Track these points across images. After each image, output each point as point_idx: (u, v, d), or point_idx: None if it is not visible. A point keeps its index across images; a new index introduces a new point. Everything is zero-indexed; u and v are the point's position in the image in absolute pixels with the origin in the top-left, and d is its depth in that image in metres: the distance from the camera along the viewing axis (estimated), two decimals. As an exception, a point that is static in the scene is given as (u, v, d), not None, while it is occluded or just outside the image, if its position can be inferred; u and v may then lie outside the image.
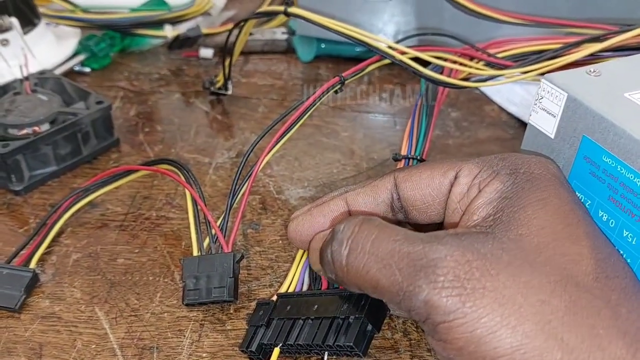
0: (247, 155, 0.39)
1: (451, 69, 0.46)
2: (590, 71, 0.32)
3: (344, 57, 0.63)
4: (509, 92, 0.57)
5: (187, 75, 0.61)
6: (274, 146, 0.39)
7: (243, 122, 0.54)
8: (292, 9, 0.43)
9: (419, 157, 0.42)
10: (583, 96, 0.30)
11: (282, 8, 0.44)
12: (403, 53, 0.43)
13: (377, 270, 0.25)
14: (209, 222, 0.37)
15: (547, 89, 0.32)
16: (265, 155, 0.38)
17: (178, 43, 0.61)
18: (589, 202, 0.30)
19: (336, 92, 0.42)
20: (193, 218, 0.38)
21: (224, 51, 0.52)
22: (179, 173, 0.41)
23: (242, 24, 0.50)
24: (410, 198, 0.30)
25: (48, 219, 0.41)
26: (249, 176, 0.38)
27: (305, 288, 0.35)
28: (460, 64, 0.45)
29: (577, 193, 0.31)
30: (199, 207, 0.39)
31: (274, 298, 0.35)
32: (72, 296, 0.37)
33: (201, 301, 0.35)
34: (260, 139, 0.39)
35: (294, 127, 0.39)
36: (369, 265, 0.26)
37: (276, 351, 0.32)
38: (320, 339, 0.30)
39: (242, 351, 0.33)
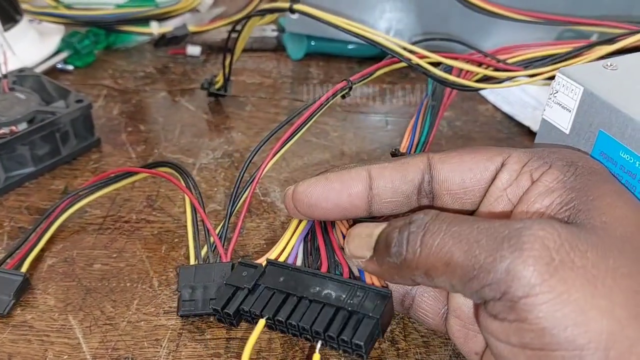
0: (248, 161, 0.37)
1: (460, 70, 0.44)
2: (607, 65, 0.31)
3: (335, 54, 0.61)
4: (505, 90, 0.56)
5: (173, 73, 0.59)
6: (278, 151, 0.37)
7: (230, 121, 0.52)
8: (298, 6, 0.41)
9: None
10: (600, 90, 0.29)
11: (287, 5, 0.42)
12: (422, 57, 0.42)
13: (453, 245, 0.23)
14: (208, 231, 0.36)
15: (563, 82, 0.30)
16: (269, 160, 0.36)
17: (164, 42, 0.59)
18: None
19: (343, 96, 0.40)
20: (191, 226, 0.37)
21: (224, 50, 0.50)
22: (179, 177, 0.40)
23: (244, 21, 0.48)
24: (446, 180, 0.27)
25: (42, 222, 0.39)
26: (251, 182, 0.36)
27: (299, 263, 0.32)
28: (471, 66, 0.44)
29: None
30: (198, 215, 0.37)
31: (263, 262, 0.32)
32: (45, 304, 0.35)
33: (197, 312, 0.34)
34: (264, 143, 0.37)
35: (300, 131, 0.37)
36: (445, 242, 0.23)
37: (261, 323, 0.29)
38: (321, 327, 0.28)
39: (214, 310, 0.30)
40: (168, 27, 0.60)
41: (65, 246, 0.39)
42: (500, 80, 0.43)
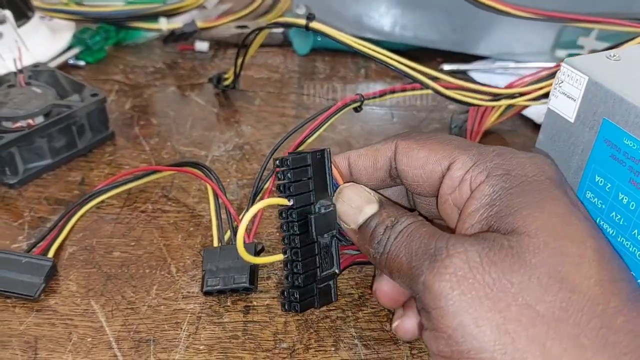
0: (265, 163, 0.39)
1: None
2: (610, 55, 0.32)
3: (341, 50, 0.63)
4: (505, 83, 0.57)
5: (182, 68, 0.61)
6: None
7: (239, 115, 0.53)
8: (314, 24, 0.43)
9: None
10: (604, 79, 0.30)
11: (303, 22, 0.43)
12: (447, 87, 0.44)
13: (403, 255, 0.27)
14: (231, 215, 0.38)
15: (568, 72, 0.32)
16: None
17: (173, 38, 0.60)
18: (609, 185, 0.30)
19: (355, 109, 0.42)
20: (214, 211, 0.39)
21: (238, 50, 0.51)
22: (200, 172, 0.42)
23: (257, 32, 0.49)
24: (403, 173, 0.31)
25: (68, 212, 0.41)
26: (272, 174, 0.38)
27: None
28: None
29: (597, 176, 0.31)
30: (220, 200, 0.39)
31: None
32: (68, 289, 0.37)
33: (220, 288, 0.35)
34: (278, 147, 0.39)
35: (312, 135, 0.38)
36: (400, 250, 0.27)
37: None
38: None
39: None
40: (176, 23, 0.62)
41: (85, 235, 0.40)
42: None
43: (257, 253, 0.36)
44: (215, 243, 0.37)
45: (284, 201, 0.30)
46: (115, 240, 0.40)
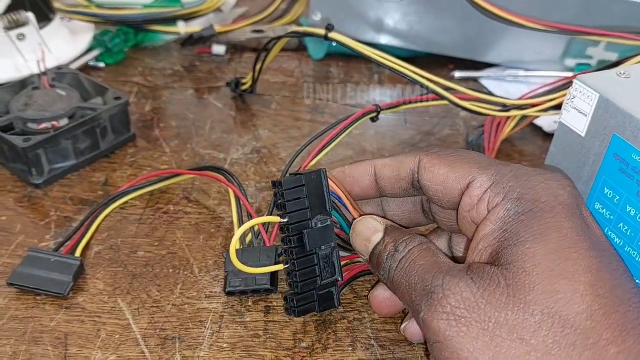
0: (286, 170, 0.42)
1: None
2: (620, 73, 0.34)
3: (354, 55, 0.64)
4: (517, 92, 0.59)
5: (200, 71, 0.62)
6: (313, 158, 0.40)
7: (256, 118, 0.55)
8: (333, 35, 0.45)
9: None
10: (614, 96, 0.31)
11: (322, 32, 0.45)
12: (462, 98, 0.46)
13: (404, 287, 0.29)
14: (252, 218, 0.39)
15: (580, 89, 0.33)
16: (306, 165, 0.40)
17: (192, 41, 0.62)
18: (617, 197, 0.32)
19: (372, 119, 0.44)
20: (236, 214, 0.40)
21: (257, 56, 0.53)
22: (221, 176, 0.43)
23: (276, 40, 0.51)
24: (424, 187, 0.32)
25: (93, 212, 0.42)
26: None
27: None
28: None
29: (606, 188, 0.32)
30: (241, 203, 0.41)
31: None
32: (95, 287, 0.38)
33: (242, 289, 0.37)
34: (295, 157, 0.41)
35: (330, 144, 0.40)
36: (402, 282, 0.30)
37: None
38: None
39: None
40: (194, 26, 0.63)
41: (109, 234, 0.42)
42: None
43: (277, 256, 0.38)
44: (237, 246, 0.39)
45: (275, 219, 0.33)
46: (139, 240, 0.42)
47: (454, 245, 0.35)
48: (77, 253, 0.40)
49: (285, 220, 0.33)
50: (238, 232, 0.32)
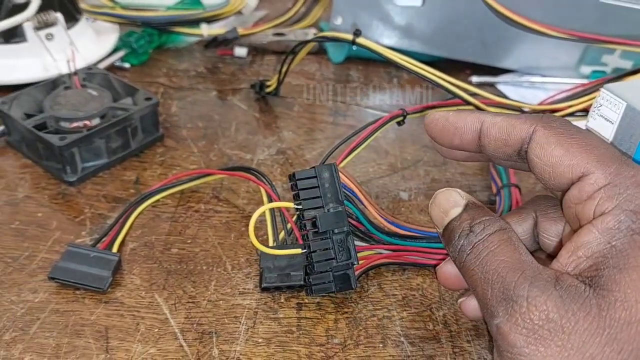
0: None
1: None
2: None
3: (373, 59, 0.65)
4: (533, 98, 0.60)
5: (223, 73, 0.63)
6: (342, 161, 0.41)
7: (280, 120, 0.56)
8: (360, 40, 0.46)
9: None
10: None
11: (350, 37, 0.46)
12: (486, 104, 0.47)
13: (478, 278, 0.27)
14: (285, 217, 0.40)
15: (607, 97, 0.34)
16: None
17: (215, 43, 0.63)
18: None
19: (398, 123, 0.45)
20: (269, 213, 0.41)
21: (284, 60, 0.54)
22: (252, 176, 0.45)
23: (302, 45, 0.52)
24: (531, 162, 0.29)
25: (128, 209, 0.44)
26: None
27: None
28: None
29: None
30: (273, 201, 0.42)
31: None
32: (132, 283, 0.39)
33: (278, 284, 0.38)
34: (328, 156, 0.42)
35: (359, 147, 0.42)
36: (476, 271, 0.28)
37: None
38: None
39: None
40: (216, 29, 0.64)
41: (143, 232, 0.43)
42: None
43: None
44: (270, 243, 0.40)
45: (288, 204, 0.37)
46: (172, 238, 0.43)
47: (541, 232, 0.32)
48: (114, 249, 0.41)
49: (300, 206, 0.36)
50: (255, 214, 0.35)
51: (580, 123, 0.50)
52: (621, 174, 0.26)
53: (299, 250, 0.37)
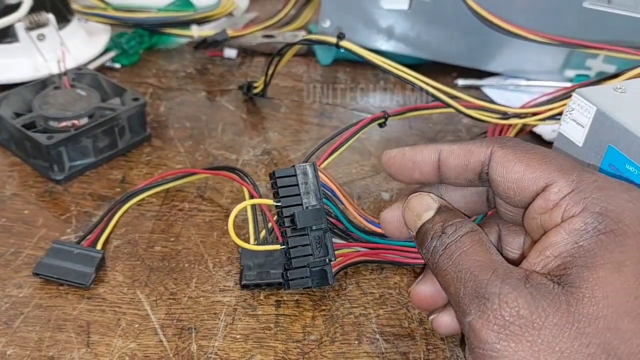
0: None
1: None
2: (616, 88, 0.36)
3: (361, 62, 0.66)
4: (518, 101, 0.61)
5: (212, 74, 0.64)
6: (324, 161, 0.43)
7: (267, 121, 0.57)
8: (344, 43, 0.47)
9: None
10: (611, 110, 0.34)
11: (334, 40, 0.47)
12: (467, 106, 0.48)
13: (451, 278, 0.28)
14: (266, 216, 0.41)
15: (578, 102, 0.35)
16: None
17: (205, 45, 0.64)
18: None
19: (380, 125, 0.46)
20: (251, 212, 0.42)
21: (270, 62, 0.55)
22: (236, 175, 0.45)
23: (287, 47, 0.53)
24: (494, 182, 0.29)
25: (113, 207, 0.45)
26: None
27: None
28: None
29: None
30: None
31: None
32: (115, 279, 0.40)
33: (257, 282, 0.39)
34: (309, 157, 0.43)
35: (340, 148, 0.43)
36: (448, 271, 0.28)
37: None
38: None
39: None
40: (207, 30, 0.65)
41: (127, 230, 0.44)
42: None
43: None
44: (252, 241, 0.41)
45: (267, 201, 0.37)
46: (156, 236, 0.44)
47: (505, 245, 0.33)
48: (98, 247, 0.42)
49: (279, 203, 0.36)
50: (235, 210, 0.36)
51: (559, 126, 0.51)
52: (583, 180, 0.27)
53: (277, 247, 0.37)
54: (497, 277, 0.26)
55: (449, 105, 0.47)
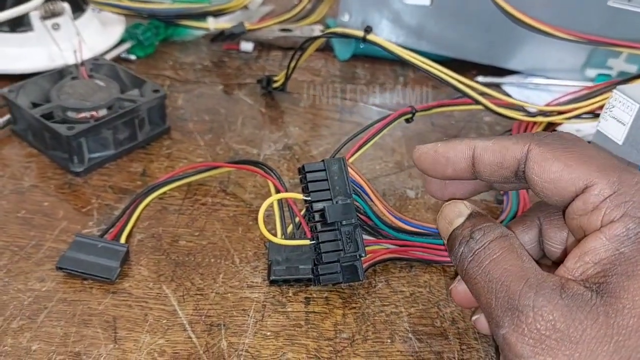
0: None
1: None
2: None
3: (380, 57, 0.65)
4: (538, 99, 0.60)
5: (228, 67, 0.63)
6: (351, 156, 0.42)
7: (287, 115, 0.56)
8: (371, 36, 0.46)
9: None
10: None
11: (361, 33, 0.46)
12: (496, 104, 0.47)
13: (482, 287, 0.27)
14: (293, 211, 0.40)
15: (619, 99, 0.35)
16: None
17: (222, 37, 0.63)
18: None
19: (407, 120, 0.45)
20: (277, 206, 0.41)
21: (292, 56, 0.54)
22: (260, 169, 0.45)
23: (310, 41, 0.52)
24: (531, 181, 0.28)
25: (135, 201, 0.44)
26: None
27: None
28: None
29: None
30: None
31: None
32: (140, 274, 0.39)
33: (286, 277, 0.38)
34: (336, 152, 0.42)
35: (368, 143, 0.42)
36: (479, 280, 0.28)
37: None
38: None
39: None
40: (222, 23, 0.64)
41: (150, 223, 0.43)
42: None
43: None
44: (279, 236, 0.40)
45: (297, 195, 0.37)
46: (180, 230, 0.43)
47: (546, 240, 0.31)
48: (122, 240, 0.41)
49: (308, 198, 0.36)
50: (265, 203, 0.35)
51: (588, 125, 0.50)
52: (625, 182, 0.26)
53: (307, 241, 0.37)
54: (531, 287, 0.26)
55: (477, 102, 0.46)
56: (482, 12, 0.57)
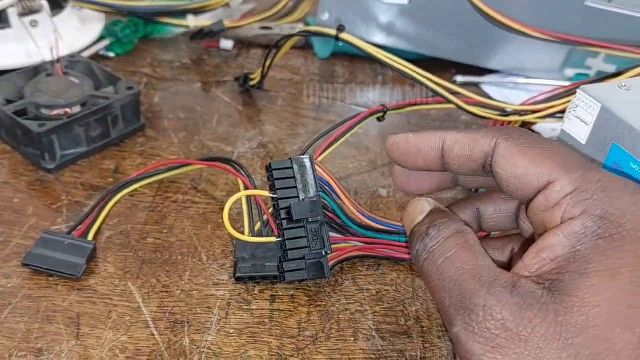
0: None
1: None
2: (621, 85, 0.35)
3: (359, 56, 0.65)
4: (516, 99, 0.60)
5: (207, 65, 0.63)
6: (320, 155, 0.42)
7: (263, 114, 0.56)
8: (344, 35, 0.46)
9: None
10: (615, 107, 0.33)
11: (333, 32, 0.46)
12: (467, 102, 0.48)
13: (436, 286, 0.28)
14: (261, 208, 0.41)
15: (583, 99, 0.35)
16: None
17: (201, 35, 0.63)
18: None
19: (379, 119, 0.45)
20: (246, 204, 0.41)
21: (268, 53, 0.54)
22: (231, 167, 0.45)
23: (287, 38, 0.52)
24: (497, 174, 0.29)
25: (105, 197, 0.44)
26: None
27: None
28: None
29: None
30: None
31: None
32: (106, 271, 0.39)
33: (252, 275, 0.39)
34: (305, 151, 0.42)
35: (338, 141, 0.42)
36: (433, 278, 0.28)
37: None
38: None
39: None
40: (203, 21, 0.64)
41: (120, 220, 0.43)
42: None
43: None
44: (247, 234, 0.40)
45: (263, 192, 0.37)
46: (148, 227, 0.43)
47: (484, 218, 0.33)
48: (90, 237, 0.41)
49: (275, 195, 0.36)
50: (231, 200, 0.35)
51: (559, 124, 0.50)
52: (587, 180, 0.26)
53: (273, 239, 0.37)
54: (482, 286, 0.26)
55: (449, 101, 0.46)
56: (460, 11, 0.57)
